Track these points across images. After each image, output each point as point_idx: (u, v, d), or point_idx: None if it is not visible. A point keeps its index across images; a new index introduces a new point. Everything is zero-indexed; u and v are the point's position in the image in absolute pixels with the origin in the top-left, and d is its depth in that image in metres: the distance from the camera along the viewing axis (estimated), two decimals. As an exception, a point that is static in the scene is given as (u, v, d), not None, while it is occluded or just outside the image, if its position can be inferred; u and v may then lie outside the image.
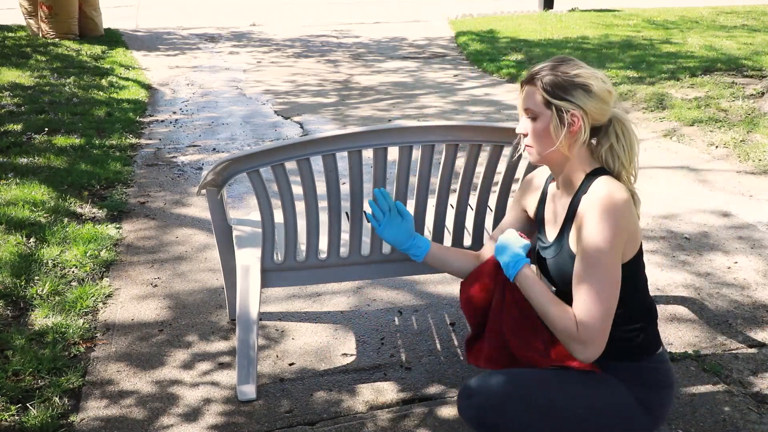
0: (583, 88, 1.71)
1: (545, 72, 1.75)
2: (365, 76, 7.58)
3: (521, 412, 1.72)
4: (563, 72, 1.73)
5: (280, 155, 2.13)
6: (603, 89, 1.72)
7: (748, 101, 5.82)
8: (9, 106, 5.79)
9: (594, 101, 1.72)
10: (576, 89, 1.71)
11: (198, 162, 4.69)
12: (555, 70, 1.74)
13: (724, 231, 3.57)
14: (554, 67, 1.75)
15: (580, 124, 1.73)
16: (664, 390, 1.78)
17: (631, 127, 1.78)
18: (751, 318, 2.78)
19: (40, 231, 3.43)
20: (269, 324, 2.77)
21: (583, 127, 1.73)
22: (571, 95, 1.71)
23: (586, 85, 1.71)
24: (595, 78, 1.72)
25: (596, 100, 1.72)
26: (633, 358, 1.77)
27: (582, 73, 1.72)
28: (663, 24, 10.57)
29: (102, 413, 2.24)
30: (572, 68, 1.73)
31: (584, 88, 1.71)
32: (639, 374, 1.76)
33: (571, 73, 1.72)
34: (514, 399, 1.72)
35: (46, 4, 8.85)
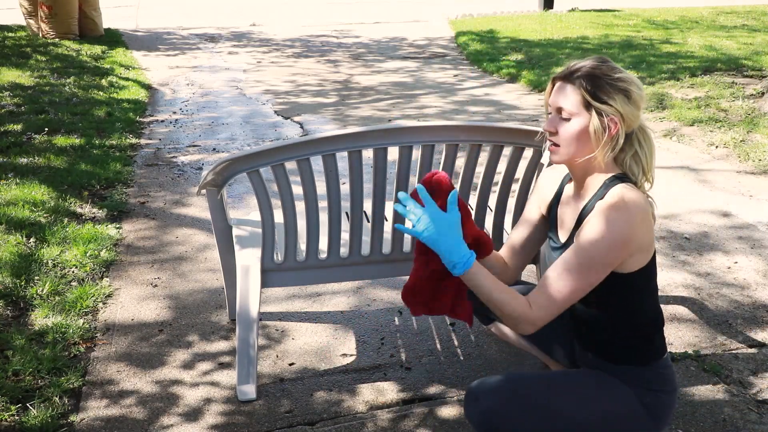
0: (625, 93, 1.66)
1: (587, 71, 1.68)
2: (365, 76, 7.58)
3: (527, 415, 1.72)
4: (606, 74, 1.67)
5: (280, 155, 2.13)
6: (639, 96, 1.69)
7: (748, 101, 5.83)
8: (9, 106, 5.79)
9: (632, 107, 1.67)
10: (618, 93, 1.66)
11: (198, 162, 4.69)
12: (597, 71, 1.68)
13: (724, 231, 3.57)
14: (596, 67, 1.68)
15: (617, 130, 1.68)
16: (668, 394, 1.78)
17: (651, 133, 1.76)
18: (751, 318, 2.78)
19: (40, 231, 3.43)
20: (269, 324, 2.77)
21: (620, 132, 1.68)
22: (614, 99, 1.66)
23: (627, 90, 1.67)
24: (634, 84, 1.69)
25: (634, 106, 1.68)
26: (640, 363, 1.76)
27: (624, 77, 1.68)
28: (663, 24, 10.57)
29: (102, 413, 2.24)
30: (615, 71, 1.68)
31: (626, 93, 1.66)
32: (644, 379, 1.76)
33: (614, 76, 1.67)
34: (520, 402, 1.72)
35: (46, 4, 8.85)
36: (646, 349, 1.76)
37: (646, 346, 1.76)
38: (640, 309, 1.75)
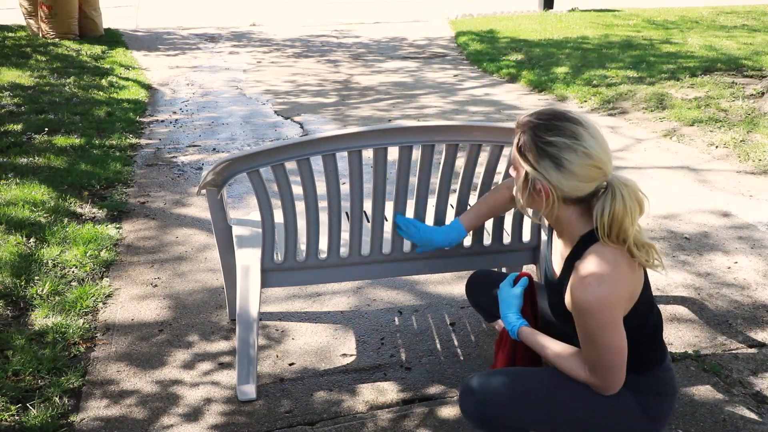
0: (554, 161, 1.56)
1: (525, 127, 1.62)
2: (365, 76, 7.58)
3: (522, 408, 1.72)
4: (539, 136, 1.58)
5: (280, 155, 2.13)
6: (580, 165, 1.55)
7: (748, 101, 5.82)
8: (9, 106, 5.79)
9: (564, 177, 1.56)
10: (544, 159, 1.57)
11: (198, 162, 4.69)
12: (533, 130, 1.59)
13: (724, 231, 3.57)
14: (535, 126, 1.60)
15: (547, 195, 1.60)
16: (667, 397, 1.78)
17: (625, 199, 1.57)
18: (751, 318, 2.78)
19: (40, 231, 3.43)
20: (269, 324, 2.77)
21: (552, 198, 1.60)
22: (538, 164, 1.58)
23: (557, 158, 1.56)
24: (574, 153, 1.55)
25: (568, 176, 1.56)
26: (639, 371, 1.75)
27: (557, 142, 1.55)
28: (663, 24, 10.57)
29: (102, 413, 2.24)
30: (553, 133, 1.56)
31: (554, 161, 1.56)
32: (644, 383, 1.75)
33: (545, 139, 1.56)
34: (515, 395, 1.72)
35: (46, 4, 8.85)
36: (641, 361, 1.75)
37: (640, 359, 1.75)
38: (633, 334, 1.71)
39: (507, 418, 1.72)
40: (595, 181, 1.59)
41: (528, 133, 1.60)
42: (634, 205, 1.58)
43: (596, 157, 1.56)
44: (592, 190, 1.60)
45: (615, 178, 1.60)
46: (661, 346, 1.80)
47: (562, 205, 1.63)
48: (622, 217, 1.56)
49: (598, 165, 1.57)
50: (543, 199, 1.62)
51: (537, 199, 1.64)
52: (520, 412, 1.72)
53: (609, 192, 1.58)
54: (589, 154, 1.56)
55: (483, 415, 1.72)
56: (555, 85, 6.71)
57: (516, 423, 1.73)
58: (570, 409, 1.72)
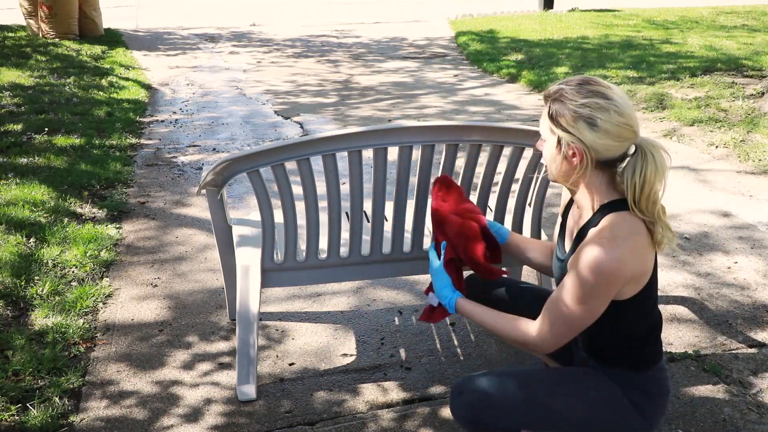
0: (587, 122, 1.59)
1: (555, 95, 1.65)
2: (365, 76, 7.58)
3: (512, 409, 1.71)
4: (571, 99, 1.61)
5: (280, 155, 2.13)
6: (612, 124, 1.58)
7: (748, 101, 5.83)
8: (9, 106, 5.79)
9: (598, 136, 1.59)
10: (578, 121, 1.60)
11: (198, 162, 4.69)
12: (563, 96, 1.62)
13: (724, 231, 3.57)
14: (565, 92, 1.63)
15: (581, 158, 1.63)
16: (660, 397, 1.77)
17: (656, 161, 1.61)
18: (751, 318, 2.78)
19: (40, 231, 3.43)
20: (269, 324, 2.77)
21: (585, 160, 1.62)
22: (572, 127, 1.60)
23: (591, 118, 1.58)
24: (606, 111, 1.58)
25: (602, 135, 1.59)
26: (632, 368, 1.76)
27: (589, 103, 1.59)
28: (663, 24, 10.57)
29: (102, 413, 2.24)
30: (583, 95, 1.60)
31: (588, 122, 1.59)
32: (637, 382, 1.75)
33: (578, 101, 1.60)
34: (505, 396, 1.72)
35: (46, 4, 8.85)
36: (639, 356, 1.76)
37: (638, 354, 1.75)
38: (632, 328, 1.73)
39: (499, 420, 1.71)
40: (627, 141, 1.61)
41: (559, 100, 1.63)
42: (664, 167, 1.62)
43: (627, 116, 1.60)
44: (623, 151, 1.63)
45: (644, 141, 1.63)
46: (658, 347, 1.80)
47: (593, 170, 1.65)
48: (653, 178, 1.60)
49: (629, 123, 1.60)
50: (576, 164, 1.64)
51: (569, 164, 1.66)
52: (512, 414, 1.71)
53: (639, 153, 1.61)
54: (621, 112, 1.59)
55: (474, 417, 1.71)
56: (555, 85, 6.70)
57: (508, 424, 1.72)
58: (563, 408, 1.72)
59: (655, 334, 1.79)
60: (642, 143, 1.63)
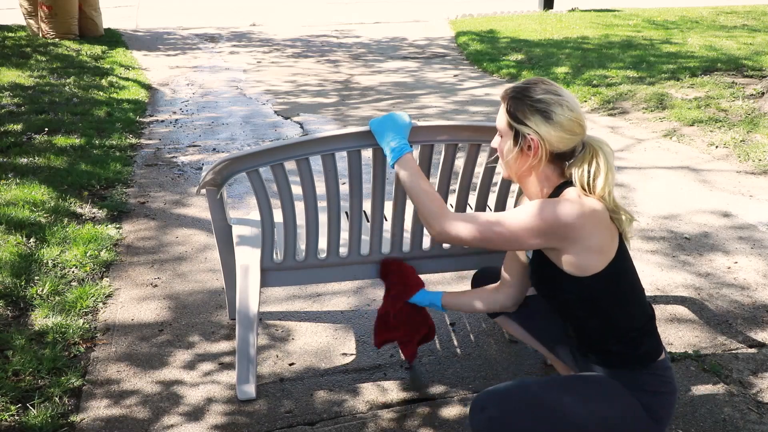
0: (543, 115, 1.70)
1: (512, 92, 1.76)
2: (365, 76, 7.58)
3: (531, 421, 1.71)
4: (527, 95, 1.73)
5: (279, 155, 2.13)
6: (566, 118, 1.70)
7: (748, 101, 5.83)
8: (9, 106, 5.79)
9: (553, 128, 1.70)
10: (535, 114, 1.71)
11: (198, 162, 4.69)
12: (521, 93, 1.74)
13: (725, 231, 3.57)
14: (522, 89, 1.75)
15: (536, 150, 1.73)
16: (667, 396, 1.78)
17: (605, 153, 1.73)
18: (751, 318, 2.78)
19: (40, 231, 3.43)
20: (270, 324, 2.77)
21: (540, 152, 1.73)
22: (529, 120, 1.72)
23: (546, 112, 1.70)
24: (560, 106, 1.70)
25: (556, 127, 1.70)
26: (632, 366, 1.76)
27: (546, 98, 1.71)
28: (663, 24, 10.57)
29: (103, 413, 2.24)
30: (539, 92, 1.72)
31: (544, 115, 1.70)
32: (642, 381, 1.76)
33: (534, 97, 1.71)
34: (525, 408, 1.72)
35: (46, 4, 8.85)
36: (635, 353, 1.76)
37: (633, 350, 1.76)
38: (614, 317, 1.75)
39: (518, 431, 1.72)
40: (577, 137, 1.73)
41: (516, 97, 1.75)
42: (611, 159, 1.73)
43: (577, 112, 1.73)
44: (573, 146, 1.75)
45: (591, 138, 1.76)
46: (656, 342, 1.80)
47: (546, 163, 1.76)
48: (605, 172, 1.71)
49: (579, 120, 1.72)
50: (531, 156, 1.75)
51: (525, 157, 1.76)
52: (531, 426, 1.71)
53: (588, 149, 1.74)
54: (572, 108, 1.72)
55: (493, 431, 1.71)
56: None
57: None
58: (577, 416, 1.72)
59: (648, 330, 1.79)
60: (589, 140, 1.76)
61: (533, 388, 1.77)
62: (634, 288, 1.78)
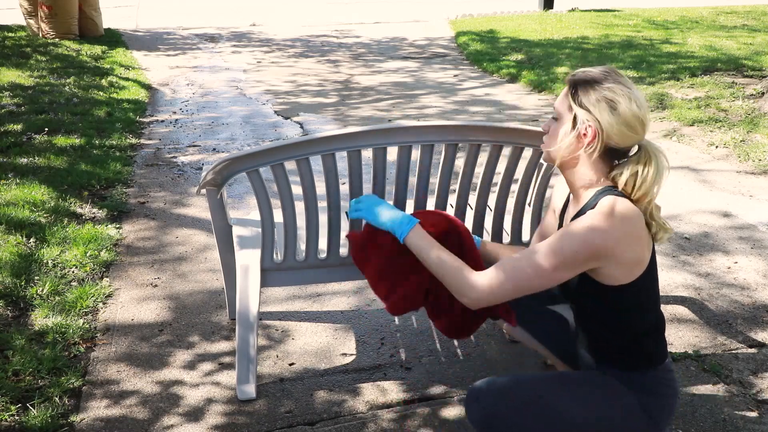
0: (609, 103, 1.64)
1: (581, 76, 1.70)
2: (366, 76, 7.58)
3: (528, 416, 1.71)
4: (597, 81, 1.67)
5: (279, 155, 2.13)
6: (631, 113, 1.64)
7: (748, 101, 5.82)
8: (9, 106, 5.79)
9: (615, 119, 1.64)
10: (601, 102, 1.65)
11: (198, 162, 4.69)
12: (590, 78, 1.68)
13: (725, 231, 3.57)
14: (592, 75, 1.69)
15: (593, 137, 1.66)
16: (668, 398, 1.78)
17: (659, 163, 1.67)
18: (751, 318, 2.78)
19: (40, 231, 3.43)
20: (270, 324, 2.77)
21: (596, 141, 1.66)
22: (594, 106, 1.65)
23: (612, 101, 1.64)
24: (627, 99, 1.64)
25: (619, 120, 1.64)
26: (637, 368, 1.76)
27: (615, 88, 1.65)
28: (663, 24, 10.57)
29: (103, 413, 2.24)
30: (608, 81, 1.66)
31: (610, 104, 1.64)
32: (644, 382, 1.76)
33: (605, 85, 1.66)
34: (522, 403, 1.72)
35: (46, 4, 8.85)
36: (642, 356, 1.76)
37: (641, 354, 1.76)
38: (631, 323, 1.73)
39: (513, 426, 1.71)
40: (635, 137, 1.67)
41: (584, 81, 1.68)
42: (663, 171, 1.67)
43: (644, 111, 1.66)
44: (630, 145, 1.68)
45: (649, 143, 1.69)
46: (661, 346, 1.80)
47: (598, 155, 1.69)
48: (652, 182, 1.65)
49: (642, 119, 1.66)
50: (586, 144, 1.68)
51: (579, 142, 1.69)
52: (526, 419, 1.72)
53: (643, 153, 1.67)
54: (640, 105, 1.65)
55: (489, 424, 1.71)
56: (555, 85, 6.71)
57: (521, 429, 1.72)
58: (576, 413, 1.72)
59: (658, 334, 1.79)
60: (647, 145, 1.68)
61: (528, 383, 1.78)
62: (654, 295, 1.76)
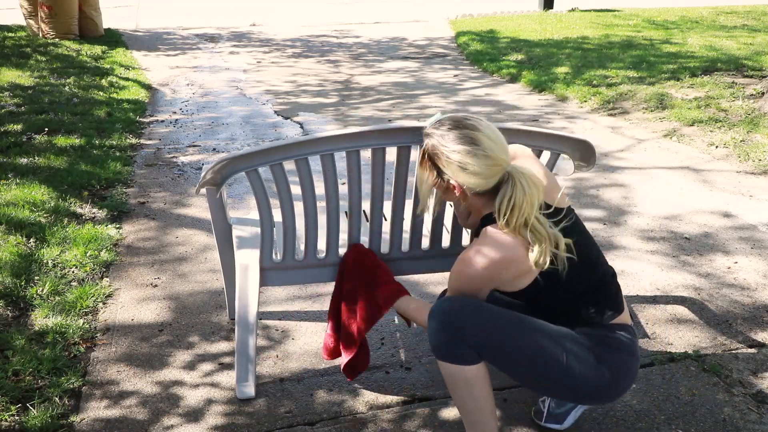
0: (459, 166, 1.79)
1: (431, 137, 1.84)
2: (366, 76, 7.58)
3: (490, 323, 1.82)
4: (444, 145, 1.80)
5: (278, 155, 2.13)
6: (481, 166, 1.77)
7: (748, 101, 5.82)
8: (9, 106, 5.79)
9: (469, 176, 1.79)
10: (451, 165, 1.80)
11: (198, 162, 4.69)
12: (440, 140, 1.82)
13: (725, 231, 3.57)
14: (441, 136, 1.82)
15: (460, 190, 1.84)
16: (620, 353, 1.85)
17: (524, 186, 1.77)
18: (751, 318, 2.78)
19: (40, 231, 3.43)
20: (270, 324, 2.77)
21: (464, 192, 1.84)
22: (447, 169, 1.82)
23: (462, 163, 1.78)
24: (474, 156, 1.76)
25: (472, 176, 1.79)
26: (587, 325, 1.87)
27: (461, 150, 1.77)
28: (663, 24, 10.57)
29: (102, 414, 2.24)
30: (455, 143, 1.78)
31: (460, 166, 1.79)
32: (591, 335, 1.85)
33: (450, 148, 1.79)
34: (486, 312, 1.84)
35: (46, 4, 8.86)
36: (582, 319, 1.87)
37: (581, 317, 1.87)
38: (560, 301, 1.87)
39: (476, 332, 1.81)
40: (497, 176, 1.80)
41: (432, 143, 1.84)
42: (533, 190, 1.78)
43: (495, 157, 1.79)
44: (496, 182, 1.81)
45: (513, 168, 1.81)
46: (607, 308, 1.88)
47: (473, 196, 1.86)
48: (521, 201, 1.76)
49: (497, 163, 1.79)
50: (455, 194, 1.88)
51: (450, 194, 1.90)
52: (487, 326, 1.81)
53: (509, 181, 1.79)
54: (488, 155, 1.78)
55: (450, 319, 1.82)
56: (555, 85, 6.71)
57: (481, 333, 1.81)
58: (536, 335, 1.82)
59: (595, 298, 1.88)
60: (512, 171, 1.80)
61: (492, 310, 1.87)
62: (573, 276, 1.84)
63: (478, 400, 1.87)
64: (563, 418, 2.13)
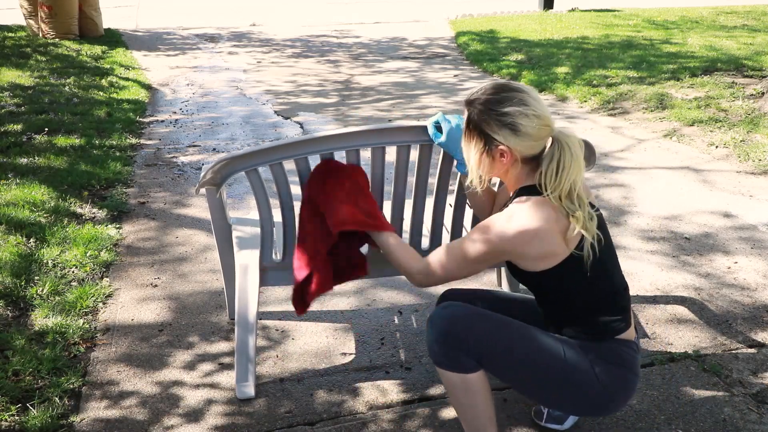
0: (511, 128, 1.74)
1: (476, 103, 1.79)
2: (366, 76, 7.58)
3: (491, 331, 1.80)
4: (493, 108, 1.75)
5: (278, 154, 2.13)
6: (533, 127, 1.74)
7: (748, 101, 5.82)
8: (9, 106, 5.79)
9: (522, 139, 1.75)
10: (503, 128, 1.75)
11: (198, 162, 4.69)
12: (487, 105, 1.77)
13: (725, 231, 3.57)
14: (487, 101, 1.77)
15: (509, 156, 1.78)
16: (620, 369, 1.82)
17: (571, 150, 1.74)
18: (751, 318, 2.78)
19: (40, 231, 3.43)
20: (270, 324, 2.77)
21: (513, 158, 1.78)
22: (498, 133, 1.76)
23: (513, 124, 1.74)
24: (526, 117, 1.73)
25: (524, 138, 1.75)
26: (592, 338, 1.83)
27: (511, 111, 1.73)
28: (663, 24, 10.57)
29: (102, 414, 2.24)
30: (504, 104, 1.74)
31: (512, 128, 1.74)
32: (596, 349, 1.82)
33: (501, 110, 1.74)
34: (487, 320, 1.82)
35: (46, 4, 8.86)
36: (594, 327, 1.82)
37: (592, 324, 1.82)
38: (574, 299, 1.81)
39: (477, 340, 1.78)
40: (545, 138, 1.77)
41: (481, 109, 1.78)
42: (580, 153, 1.76)
43: (544, 117, 1.75)
44: (544, 146, 1.79)
45: (560, 133, 1.77)
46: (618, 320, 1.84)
47: (519, 165, 1.81)
48: (569, 164, 1.73)
49: (546, 123, 1.76)
50: (503, 163, 1.80)
51: (500, 164, 1.81)
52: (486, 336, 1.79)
53: (555, 144, 1.76)
54: (539, 115, 1.75)
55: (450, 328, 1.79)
56: (555, 85, 6.71)
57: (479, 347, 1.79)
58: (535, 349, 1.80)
59: (607, 307, 1.83)
60: (558, 135, 1.77)
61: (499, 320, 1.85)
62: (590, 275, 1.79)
63: (477, 408, 1.86)
64: (563, 419, 2.13)
